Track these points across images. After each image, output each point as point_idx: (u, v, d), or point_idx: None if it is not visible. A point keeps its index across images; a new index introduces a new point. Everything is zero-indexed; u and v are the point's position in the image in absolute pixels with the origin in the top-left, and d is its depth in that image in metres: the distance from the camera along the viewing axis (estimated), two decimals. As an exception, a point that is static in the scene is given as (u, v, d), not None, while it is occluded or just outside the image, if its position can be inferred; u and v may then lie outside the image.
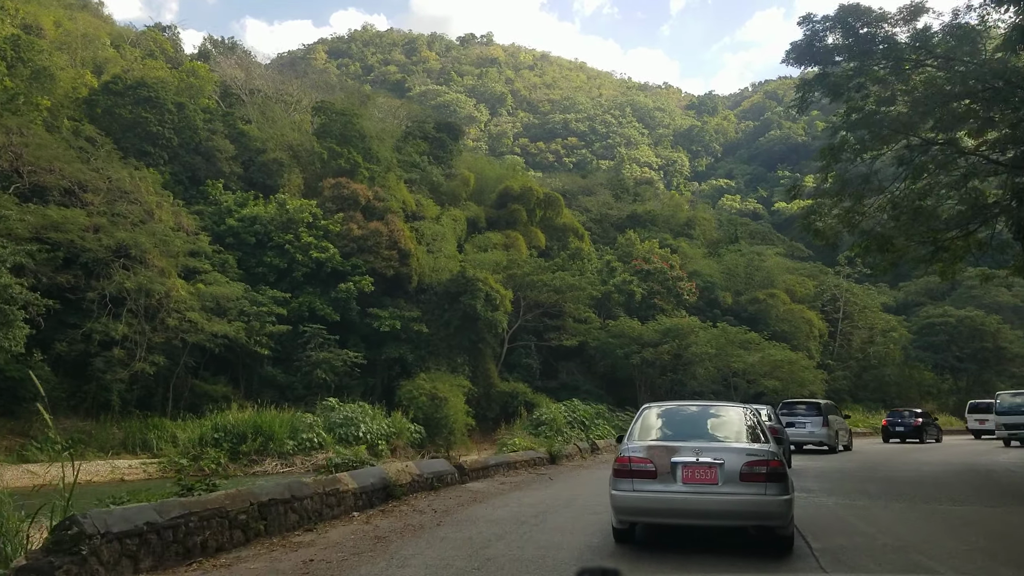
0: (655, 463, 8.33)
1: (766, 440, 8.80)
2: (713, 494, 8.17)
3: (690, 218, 79.38)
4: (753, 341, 46.19)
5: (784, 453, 16.04)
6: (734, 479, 8.15)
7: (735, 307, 60.73)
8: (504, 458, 19.22)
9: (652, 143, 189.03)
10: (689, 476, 8.20)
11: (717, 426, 9.30)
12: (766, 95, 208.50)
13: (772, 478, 8.16)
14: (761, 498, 8.11)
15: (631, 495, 8.41)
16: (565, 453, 22.30)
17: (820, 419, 25.77)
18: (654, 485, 8.30)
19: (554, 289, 48.12)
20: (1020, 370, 62.17)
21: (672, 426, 9.37)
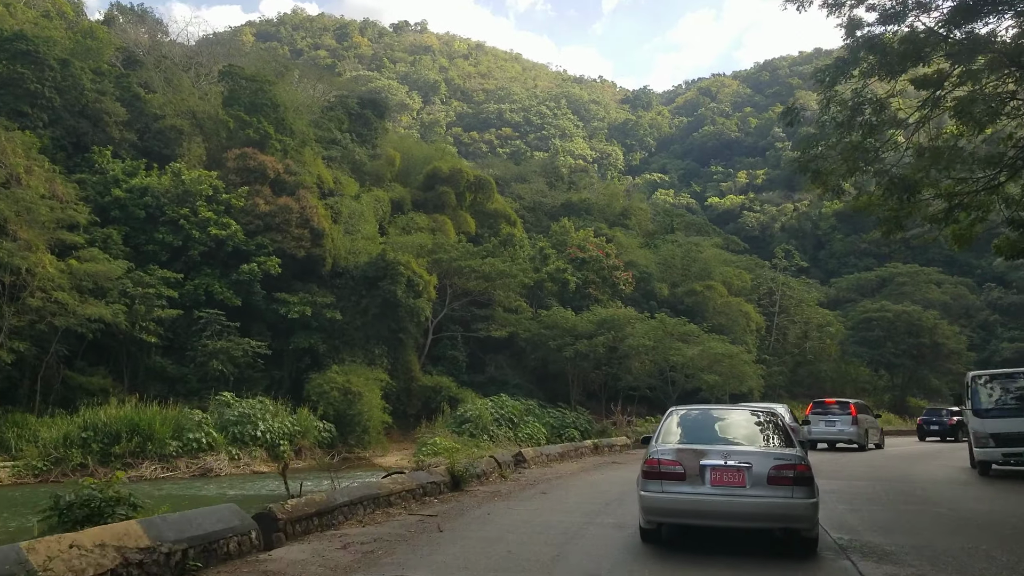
0: (684, 465, 8.44)
1: (792, 444, 8.90)
2: (741, 496, 8.27)
3: (626, 208, 76.91)
4: (692, 333, 43.56)
5: None
6: (762, 482, 8.25)
7: (672, 299, 58.29)
8: (367, 491, 11.46)
9: (587, 136, 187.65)
10: (717, 479, 8.31)
11: (744, 429, 9.38)
12: (700, 92, 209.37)
13: (799, 482, 8.24)
14: (788, 501, 8.21)
15: (660, 496, 8.51)
16: (476, 472, 15.70)
17: (850, 418, 26.61)
18: (683, 487, 8.40)
19: (483, 276, 44.67)
20: (957, 367, 61.28)
21: (699, 429, 9.40)
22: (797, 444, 9.17)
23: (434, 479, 13.92)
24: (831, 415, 27.04)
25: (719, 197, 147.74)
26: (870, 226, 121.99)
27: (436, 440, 33.03)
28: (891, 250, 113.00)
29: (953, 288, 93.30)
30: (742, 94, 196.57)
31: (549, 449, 22.99)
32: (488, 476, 16.40)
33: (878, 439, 28.42)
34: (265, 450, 30.38)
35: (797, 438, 18.41)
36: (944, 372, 62.66)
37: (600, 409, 45.58)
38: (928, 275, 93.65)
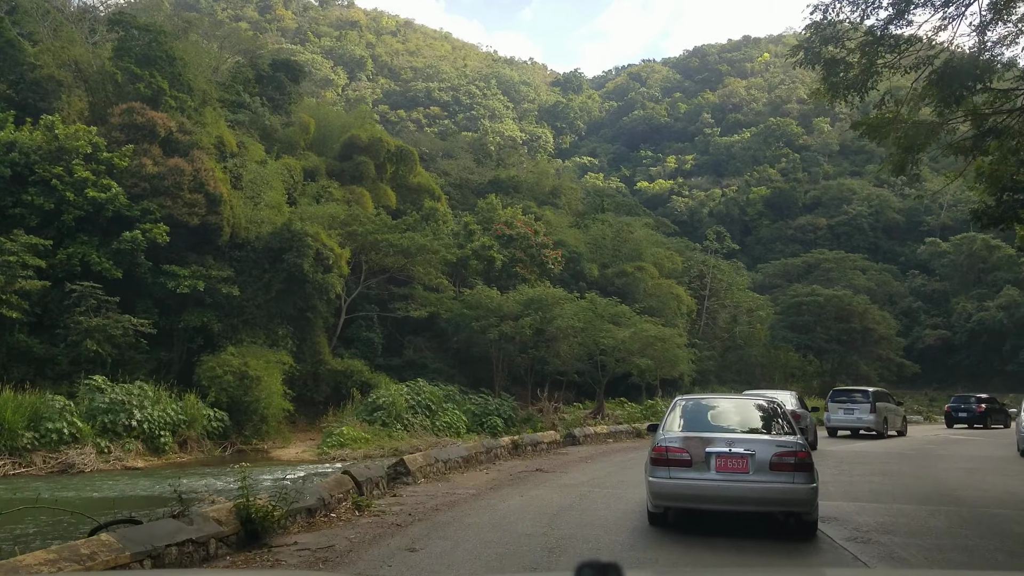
0: (690, 453, 8.86)
1: (793, 432, 9.30)
2: (744, 482, 8.69)
3: (556, 186, 74.25)
4: (624, 315, 41.05)
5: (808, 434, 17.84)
6: (764, 468, 8.63)
7: (602, 280, 55.83)
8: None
9: (517, 117, 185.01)
10: (722, 465, 8.72)
11: (747, 418, 9.86)
12: (630, 77, 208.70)
13: (799, 468, 8.65)
14: (789, 486, 8.60)
15: (668, 482, 8.95)
16: (300, 507, 9.55)
17: (868, 406, 26.71)
18: (689, 473, 8.82)
19: (402, 251, 41.23)
20: (887, 352, 60.68)
21: (705, 417, 9.79)
22: (799, 432, 9.44)
23: (202, 531, 7.52)
24: (850, 403, 27.09)
25: (648, 181, 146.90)
26: (797, 212, 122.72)
27: (344, 430, 29.75)
28: (817, 236, 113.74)
29: (878, 275, 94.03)
30: (672, 79, 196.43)
31: (448, 452, 16.73)
32: (328, 510, 10.25)
33: (900, 426, 28.52)
34: (142, 442, 26.52)
35: (802, 424, 17.69)
36: (874, 358, 61.99)
37: (527, 395, 42.81)
38: (853, 261, 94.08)
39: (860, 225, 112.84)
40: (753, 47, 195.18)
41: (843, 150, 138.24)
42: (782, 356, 63.18)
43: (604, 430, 25.90)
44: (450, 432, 32.72)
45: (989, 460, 20.29)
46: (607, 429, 26.33)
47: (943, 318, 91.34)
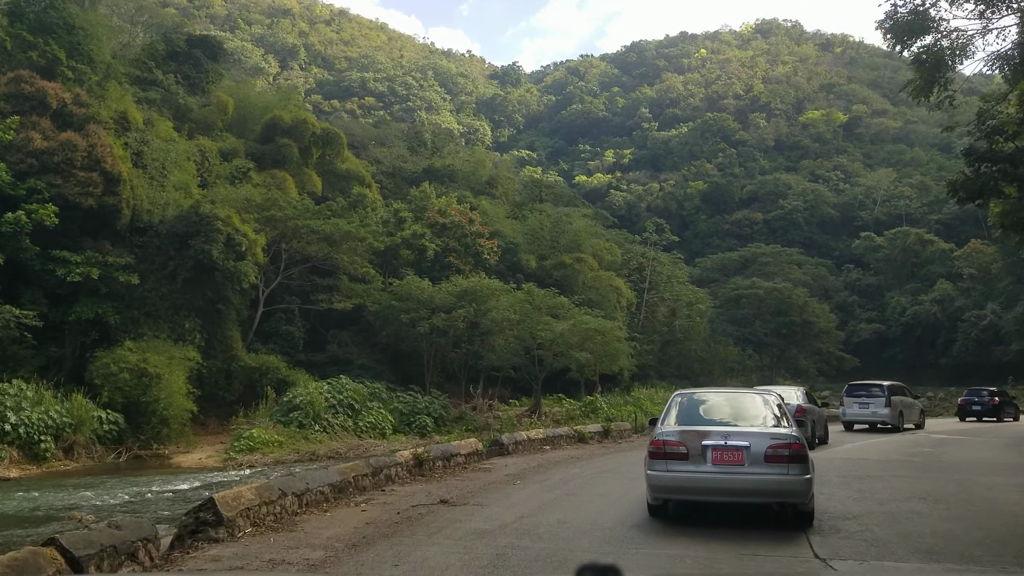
0: (687, 446, 9.02)
1: (788, 424, 9.42)
2: (740, 474, 8.83)
3: (493, 176, 71.87)
4: (562, 307, 38.91)
5: (812, 431, 18.19)
6: (759, 460, 8.77)
7: (540, 272, 53.70)
8: None
9: (454, 109, 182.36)
10: (718, 458, 8.88)
11: (744, 411, 9.87)
12: (568, 71, 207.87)
13: (794, 459, 8.76)
14: (784, 477, 8.74)
15: (665, 475, 9.11)
16: None
17: (883, 399, 26.51)
18: (686, 466, 8.98)
19: (326, 239, 38.36)
20: (826, 346, 59.97)
21: (703, 411, 10.04)
22: (795, 425, 9.57)
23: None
24: (866, 397, 26.94)
25: (587, 175, 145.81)
26: (734, 207, 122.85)
27: (254, 433, 26.88)
28: (753, 231, 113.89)
29: (813, 269, 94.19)
30: (610, 74, 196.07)
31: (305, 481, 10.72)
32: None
33: (917, 419, 28.39)
34: (18, 449, 23.28)
35: (810, 419, 18.96)
36: (813, 352, 61.26)
37: (461, 392, 40.42)
38: (790, 256, 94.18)
39: (796, 220, 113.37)
40: (690, 43, 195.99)
41: (778, 145, 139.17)
42: (721, 350, 62.12)
43: (540, 435, 21.05)
44: (374, 433, 30.15)
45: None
46: (543, 433, 21.30)
47: (878, 312, 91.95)
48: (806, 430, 17.64)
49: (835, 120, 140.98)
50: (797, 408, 18.08)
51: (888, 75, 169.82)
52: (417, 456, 14.49)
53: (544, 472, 15.47)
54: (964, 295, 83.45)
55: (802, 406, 18.84)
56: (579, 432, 22.84)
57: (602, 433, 23.91)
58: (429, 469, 14.60)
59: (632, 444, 22.40)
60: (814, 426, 19.61)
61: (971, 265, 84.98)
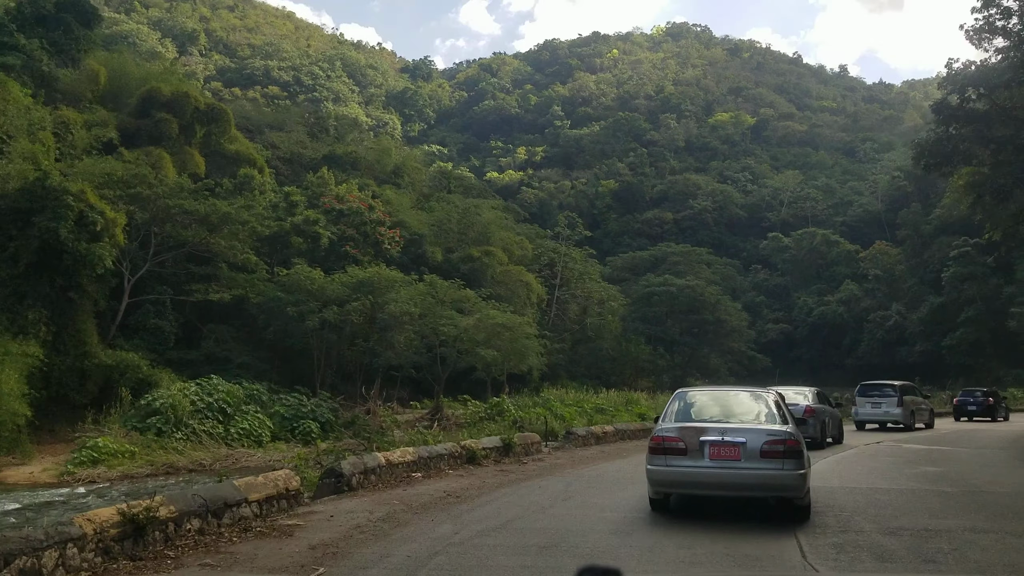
0: (685, 442, 9.29)
1: (785, 422, 9.60)
2: (736, 469, 9.10)
3: (399, 165, 68.18)
4: (468, 300, 35.83)
5: (822, 431, 18.85)
6: (755, 456, 9.01)
7: (446, 264, 50.55)
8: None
9: (363, 102, 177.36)
10: (715, 453, 9.14)
11: (742, 409, 10.25)
12: (481, 68, 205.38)
13: (789, 455, 9.00)
14: (779, 472, 8.98)
15: (664, 469, 9.41)
16: None
17: (896, 399, 26.83)
18: (685, 461, 9.27)
19: (203, 221, 34.17)
20: (738, 345, 58.71)
21: (702, 409, 10.22)
22: (793, 423, 9.71)
23: None
24: (878, 397, 27.32)
25: (498, 172, 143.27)
26: (645, 206, 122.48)
27: (100, 442, 22.78)
28: (664, 230, 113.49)
29: (722, 269, 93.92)
30: (522, 72, 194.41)
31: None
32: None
33: (926, 419, 28.87)
34: None
35: (823, 418, 19.46)
36: (725, 351, 59.95)
37: (358, 394, 36.81)
38: (699, 255, 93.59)
39: (705, 220, 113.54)
40: (602, 43, 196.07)
41: (688, 146, 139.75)
42: (633, 349, 60.20)
43: (407, 456, 14.19)
44: (249, 441, 26.33)
45: None
46: (413, 455, 14.39)
47: (785, 312, 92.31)
48: (814, 429, 18.28)
49: (743, 122, 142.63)
50: (806, 408, 18.62)
51: (793, 81, 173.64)
52: (136, 519, 7.46)
53: (383, 540, 8.60)
54: (869, 296, 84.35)
55: (811, 406, 19.09)
56: (468, 449, 16.06)
57: (501, 449, 17.25)
58: (180, 537, 8.09)
59: (542, 465, 16.55)
60: (825, 426, 19.71)
61: (876, 266, 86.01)
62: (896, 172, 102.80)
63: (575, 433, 21.70)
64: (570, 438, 21.30)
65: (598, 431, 23.04)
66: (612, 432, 23.75)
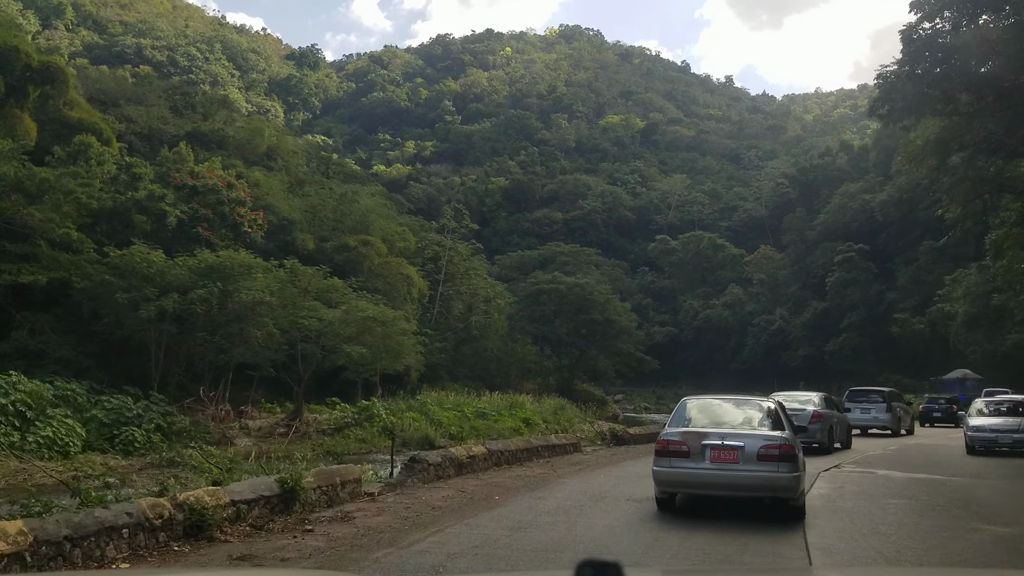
0: (688, 445, 10.04)
1: (781, 428, 10.36)
2: (735, 471, 9.85)
3: (273, 147, 62.84)
4: (335, 290, 31.78)
5: (829, 436, 19.04)
6: (752, 459, 9.79)
7: (319, 254, 46.12)
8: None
9: (243, 87, 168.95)
10: (716, 456, 9.90)
11: (742, 416, 10.90)
12: (372, 60, 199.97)
13: (784, 459, 9.76)
14: (774, 474, 9.72)
15: (668, 471, 10.15)
16: None
17: (884, 405, 27.62)
18: (687, 463, 10.02)
19: (18, 189, 28.79)
20: (627, 347, 56.65)
21: (705, 415, 10.96)
22: (789, 428, 10.40)
23: None
24: (867, 403, 27.96)
25: (386, 166, 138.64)
26: (535, 205, 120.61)
27: None
28: (553, 230, 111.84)
29: (610, 270, 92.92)
30: (414, 66, 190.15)
31: None
32: None
33: (908, 425, 29.45)
34: None
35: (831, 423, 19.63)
36: (613, 353, 57.79)
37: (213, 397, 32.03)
38: (588, 255, 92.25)
39: (594, 221, 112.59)
40: (496, 41, 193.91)
41: (579, 147, 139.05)
42: (519, 349, 57.31)
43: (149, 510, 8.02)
44: (53, 452, 21.54)
45: None
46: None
47: (671, 315, 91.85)
48: (821, 434, 18.51)
49: (633, 125, 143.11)
50: (813, 414, 18.66)
51: (682, 88, 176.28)
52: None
53: None
54: (754, 300, 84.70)
55: (818, 411, 19.16)
56: (189, 508, 8.51)
57: (272, 503, 9.79)
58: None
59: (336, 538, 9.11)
60: (832, 431, 19.69)
61: (761, 271, 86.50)
62: (780, 179, 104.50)
63: (424, 461, 13.97)
64: (414, 469, 13.69)
65: (461, 454, 15.27)
66: (483, 456, 15.93)
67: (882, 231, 73.74)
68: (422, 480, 13.35)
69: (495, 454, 16.42)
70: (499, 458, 16.43)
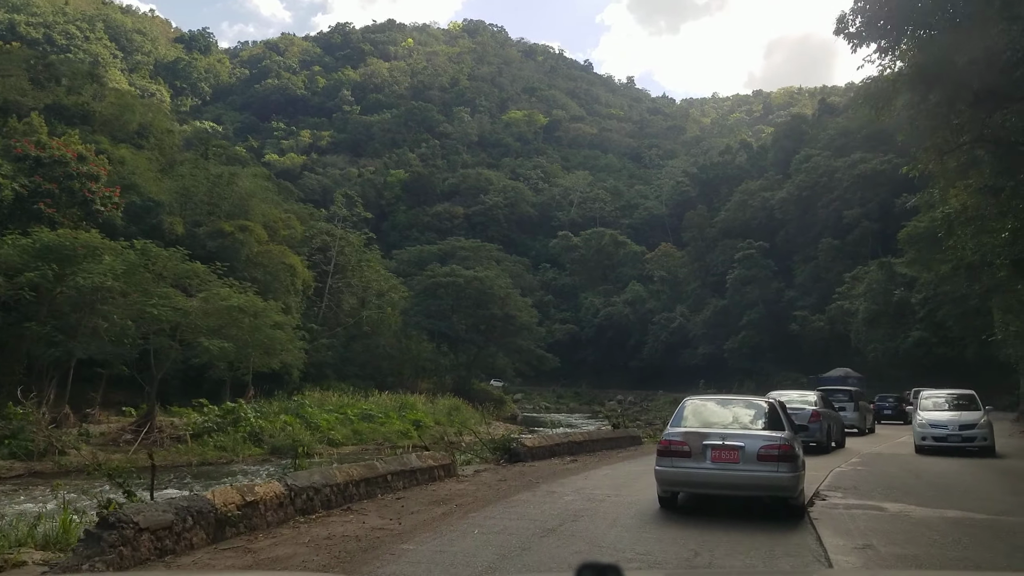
0: (689, 445, 10.05)
1: (781, 428, 10.35)
2: (735, 470, 9.89)
3: (146, 124, 57.52)
4: (196, 274, 27.89)
5: (827, 435, 19.19)
6: (752, 459, 9.81)
7: (190, 239, 41.69)
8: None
9: (127, 69, 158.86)
10: (717, 456, 9.92)
11: (743, 416, 10.94)
12: (268, 47, 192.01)
13: (783, 458, 9.81)
14: (774, 474, 9.79)
15: (670, 470, 10.20)
16: None
17: (852, 404, 27.38)
18: (689, 463, 10.04)
19: None
20: (527, 343, 54.19)
21: (706, 416, 10.97)
22: (788, 428, 10.42)
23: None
24: (837, 402, 26.90)
25: (279, 155, 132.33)
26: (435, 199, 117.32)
27: None
28: (454, 225, 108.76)
29: (512, 266, 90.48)
30: (312, 54, 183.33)
31: None
32: None
33: (871, 423, 29.57)
34: None
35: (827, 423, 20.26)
36: (513, 350, 55.26)
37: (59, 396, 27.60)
38: (489, 251, 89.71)
39: (496, 216, 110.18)
40: (398, 32, 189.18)
41: (482, 141, 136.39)
42: (414, 347, 54.11)
43: None
44: None
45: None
46: None
47: (572, 313, 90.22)
48: (820, 434, 18.43)
49: (536, 121, 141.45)
50: (812, 413, 18.58)
51: (584, 87, 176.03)
52: None
53: None
54: (655, 297, 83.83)
55: (817, 411, 19.13)
56: None
57: None
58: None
59: None
60: (830, 430, 19.65)
61: (661, 268, 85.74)
62: (681, 177, 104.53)
63: (127, 524, 6.91)
64: (103, 544, 6.70)
65: (228, 501, 8.38)
66: (275, 501, 9.20)
67: (781, 229, 73.87)
68: (116, 565, 6.58)
69: (301, 495, 9.69)
70: (309, 502, 9.83)
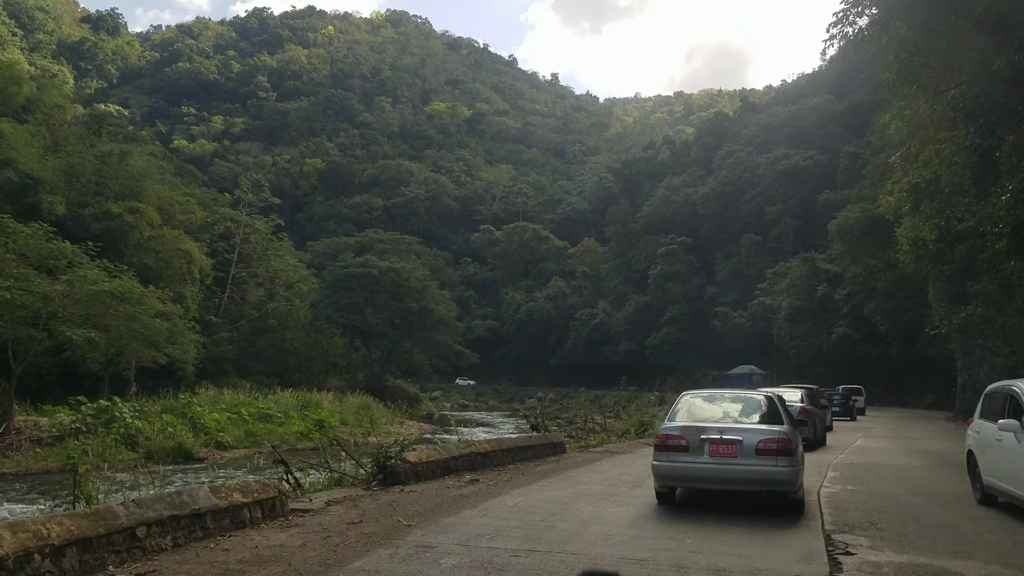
0: (687, 440, 9.79)
1: (780, 422, 10.10)
2: (733, 465, 9.63)
3: (33, 98, 52.87)
4: (64, 254, 24.66)
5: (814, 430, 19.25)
6: (751, 453, 9.55)
7: (73, 221, 38.16)
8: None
9: (27, 48, 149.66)
10: (714, 451, 9.65)
11: (742, 410, 10.69)
12: (181, 30, 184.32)
13: (782, 453, 9.53)
14: (773, 468, 9.51)
15: (668, 465, 9.91)
16: None
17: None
18: (686, 457, 9.77)
19: None
20: (445, 339, 51.85)
21: (704, 410, 10.80)
22: (787, 422, 10.18)
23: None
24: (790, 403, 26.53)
25: (189, 141, 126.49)
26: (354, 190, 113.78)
27: None
28: (373, 217, 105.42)
29: (432, 260, 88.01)
30: (227, 38, 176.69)
31: None
32: None
33: (830, 420, 29.20)
34: None
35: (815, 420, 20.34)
36: (430, 345, 52.82)
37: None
38: (409, 244, 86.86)
39: (416, 209, 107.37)
40: (318, 18, 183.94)
41: (403, 132, 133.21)
42: (324, 341, 51.13)
43: None
44: None
45: None
46: None
47: (493, 309, 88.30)
48: (810, 430, 18.33)
49: (460, 114, 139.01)
50: (800, 410, 18.50)
51: (509, 82, 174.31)
52: None
53: None
54: (577, 293, 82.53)
55: (805, 408, 19.32)
56: None
57: None
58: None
59: None
60: (815, 427, 19.71)
61: (584, 263, 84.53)
62: (604, 173, 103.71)
63: None
64: None
65: None
66: None
67: (704, 224, 73.42)
68: None
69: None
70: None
